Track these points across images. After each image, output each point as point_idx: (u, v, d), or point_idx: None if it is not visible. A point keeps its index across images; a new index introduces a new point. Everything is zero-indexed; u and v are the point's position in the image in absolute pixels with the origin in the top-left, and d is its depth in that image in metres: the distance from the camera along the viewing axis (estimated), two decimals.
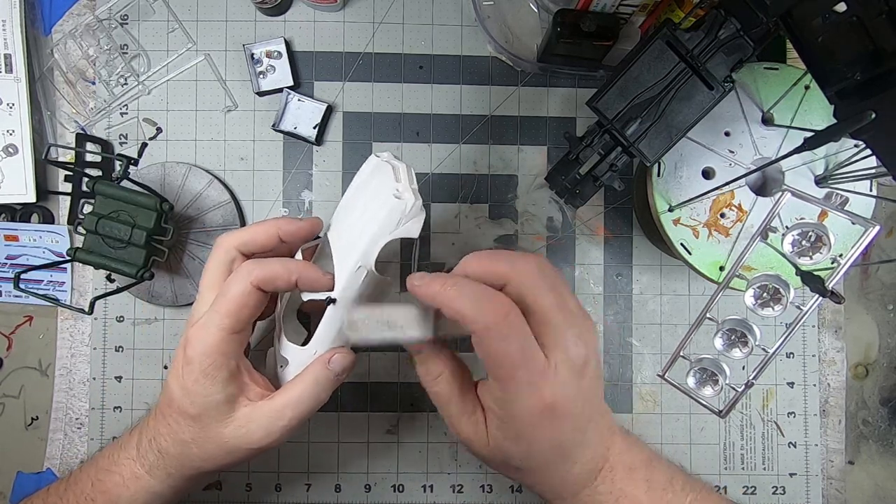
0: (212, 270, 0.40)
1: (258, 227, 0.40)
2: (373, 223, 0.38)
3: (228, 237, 0.40)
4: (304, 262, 0.39)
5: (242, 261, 0.40)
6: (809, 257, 0.33)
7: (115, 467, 0.41)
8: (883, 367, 0.56)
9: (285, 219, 0.41)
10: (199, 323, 0.37)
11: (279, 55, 0.53)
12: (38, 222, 0.54)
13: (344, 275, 0.38)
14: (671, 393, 0.54)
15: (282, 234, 0.40)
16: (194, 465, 0.40)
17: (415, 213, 0.38)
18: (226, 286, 0.38)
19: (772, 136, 0.46)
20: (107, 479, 0.41)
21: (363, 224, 0.38)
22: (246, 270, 0.37)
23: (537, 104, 0.56)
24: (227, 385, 0.37)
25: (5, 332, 0.54)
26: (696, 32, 0.39)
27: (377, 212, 0.38)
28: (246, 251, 0.40)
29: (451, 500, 0.54)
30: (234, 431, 0.38)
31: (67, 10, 0.54)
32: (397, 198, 0.37)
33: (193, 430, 0.38)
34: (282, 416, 0.38)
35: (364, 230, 0.38)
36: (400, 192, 0.38)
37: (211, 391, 0.37)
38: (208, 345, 0.37)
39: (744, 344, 0.37)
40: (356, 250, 0.38)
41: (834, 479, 0.55)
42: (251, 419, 0.38)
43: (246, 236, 0.40)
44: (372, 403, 0.55)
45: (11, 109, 0.52)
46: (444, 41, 0.55)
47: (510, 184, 0.55)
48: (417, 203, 0.38)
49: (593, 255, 0.56)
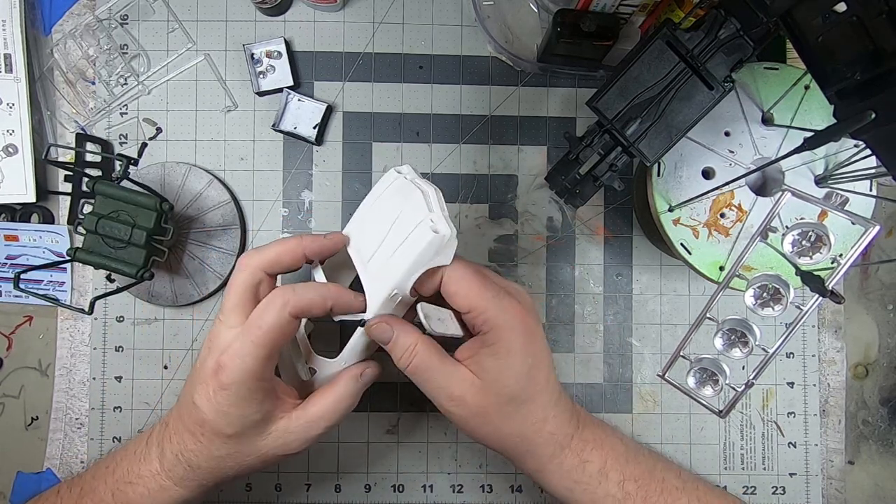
0: (237, 293, 0.39)
1: (283, 248, 0.40)
2: (410, 255, 0.38)
3: (253, 258, 0.40)
4: (338, 287, 0.40)
5: (269, 282, 0.40)
6: (809, 257, 0.33)
7: (138, 479, 0.41)
8: (883, 367, 0.56)
9: (309, 236, 0.41)
10: (233, 351, 0.37)
11: (279, 55, 0.53)
12: (38, 222, 0.54)
13: (378, 300, 0.40)
14: (671, 393, 0.54)
15: (308, 253, 0.41)
16: (228, 475, 0.41)
17: (450, 243, 0.39)
18: (260, 315, 0.37)
19: (772, 136, 0.46)
20: (129, 491, 0.41)
21: (399, 255, 0.39)
22: (282, 300, 0.37)
23: (537, 104, 0.56)
24: (264, 404, 0.38)
25: (5, 332, 0.54)
26: (696, 32, 0.39)
27: (414, 244, 0.38)
28: (272, 272, 0.40)
29: (451, 500, 0.54)
30: (272, 443, 0.40)
31: (67, 10, 0.54)
32: (435, 231, 0.37)
33: (229, 446, 0.39)
34: (317, 426, 0.40)
35: (401, 262, 0.39)
36: (436, 225, 0.37)
37: (249, 412, 0.38)
38: (245, 372, 0.37)
39: (744, 344, 0.37)
40: (392, 279, 0.39)
41: (834, 479, 0.55)
42: (288, 430, 0.40)
43: (271, 256, 0.40)
44: (372, 403, 0.55)
45: (11, 109, 0.52)
46: (444, 41, 0.55)
47: (510, 184, 0.55)
48: (453, 233, 0.38)
49: (593, 255, 0.56)
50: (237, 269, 0.40)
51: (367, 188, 0.55)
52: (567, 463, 0.42)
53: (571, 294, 0.55)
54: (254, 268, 0.39)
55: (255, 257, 0.39)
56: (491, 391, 0.39)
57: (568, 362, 0.55)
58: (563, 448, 0.42)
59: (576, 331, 0.55)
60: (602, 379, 0.55)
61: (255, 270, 0.39)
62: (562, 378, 0.55)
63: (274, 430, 0.39)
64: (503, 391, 0.39)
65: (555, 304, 0.55)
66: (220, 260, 0.53)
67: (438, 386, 0.39)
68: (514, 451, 0.41)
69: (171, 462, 0.40)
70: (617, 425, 0.55)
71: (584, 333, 0.55)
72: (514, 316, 0.39)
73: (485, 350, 0.39)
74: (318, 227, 0.55)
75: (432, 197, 0.39)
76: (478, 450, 0.55)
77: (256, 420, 0.38)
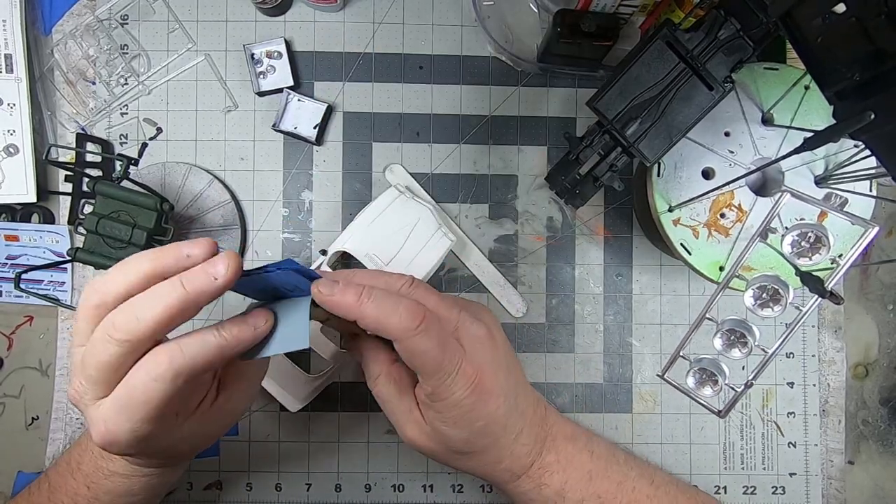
0: (103, 369, 0.30)
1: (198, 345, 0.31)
2: (427, 263, 0.48)
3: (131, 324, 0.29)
4: (236, 325, 0.31)
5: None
6: (809, 258, 0.33)
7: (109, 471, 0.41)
8: (883, 367, 0.56)
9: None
10: (111, 432, 0.30)
11: (279, 55, 0.53)
12: (39, 222, 0.54)
13: None
14: (671, 393, 0.54)
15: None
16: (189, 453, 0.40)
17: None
18: (136, 387, 0.30)
19: (772, 137, 0.46)
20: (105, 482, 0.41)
21: (417, 264, 0.48)
22: (167, 367, 0.29)
23: (537, 104, 0.56)
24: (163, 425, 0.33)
25: (6, 332, 0.55)
26: (695, 33, 0.39)
27: (431, 253, 0.48)
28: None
29: (451, 499, 0.54)
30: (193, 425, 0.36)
31: (68, 11, 0.54)
32: (450, 240, 0.49)
33: (162, 453, 0.37)
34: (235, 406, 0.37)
35: (424, 267, 0.48)
36: (447, 234, 0.49)
37: (152, 443, 0.33)
38: (132, 442, 0.31)
39: (743, 344, 0.37)
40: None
41: (834, 479, 0.55)
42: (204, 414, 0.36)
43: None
44: (372, 403, 0.54)
45: (12, 109, 0.52)
46: (443, 41, 0.55)
47: (510, 184, 0.55)
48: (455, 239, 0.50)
49: (593, 255, 0.56)
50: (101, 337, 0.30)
51: (367, 188, 0.55)
52: (523, 486, 0.42)
53: (571, 294, 0.55)
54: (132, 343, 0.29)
55: (132, 323, 0.29)
56: (440, 441, 0.38)
57: (568, 362, 0.55)
58: (519, 476, 0.41)
59: (576, 331, 0.55)
60: (602, 379, 0.55)
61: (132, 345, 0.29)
62: (562, 378, 0.55)
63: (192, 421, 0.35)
64: (450, 445, 0.38)
65: (555, 304, 0.55)
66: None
67: (395, 420, 0.39)
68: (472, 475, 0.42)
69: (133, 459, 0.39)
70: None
71: (584, 333, 0.55)
72: (464, 385, 0.35)
73: (435, 405, 0.36)
74: (318, 226, 0.55)
75: (434, 212, 0.49)
76: None
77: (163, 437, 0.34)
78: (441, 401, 0.36)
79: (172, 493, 0.53)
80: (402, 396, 0.38)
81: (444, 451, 0.39)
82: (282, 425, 0.54)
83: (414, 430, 0.38)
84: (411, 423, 0.38)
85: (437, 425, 0.37)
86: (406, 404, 0.38)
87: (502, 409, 0.38)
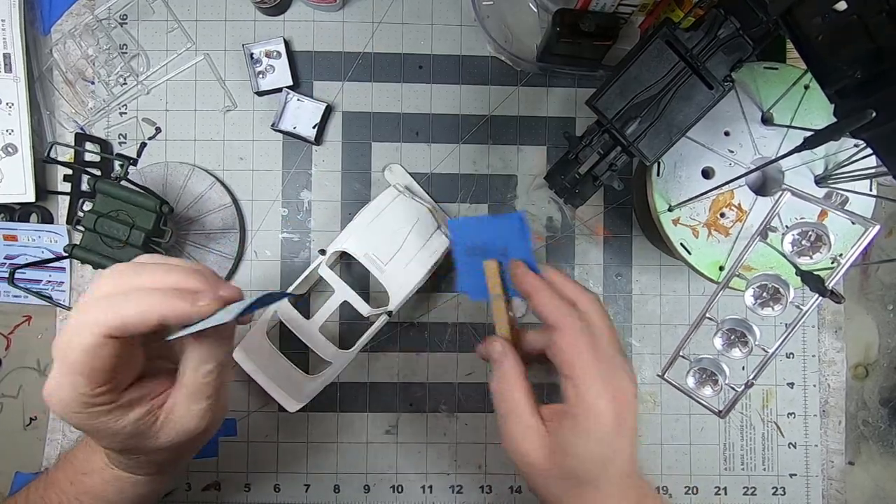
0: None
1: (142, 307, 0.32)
2: (431, 261, 0.50)
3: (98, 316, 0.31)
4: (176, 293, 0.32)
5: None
6: (809, 257, 0.33)
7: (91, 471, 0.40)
8: (883, 367, 0.56)
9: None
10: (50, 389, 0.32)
11: (278, 55, 0.53)
12: (37, 222, 0.54)
13: (402, 297, 0.49)
14: (671, 393, 0.54)
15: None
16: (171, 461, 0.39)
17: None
18: (67, 343, 0.31)
19: (771, 136, 0.46)
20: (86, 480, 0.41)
21: (420, 262, 0.50)
22: (93, 319, 0.31)
23: (537, 104, 0.55)
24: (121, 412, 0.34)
25: (4, 332, 0.54)
26: (695, 32, 0.39)
27: (434, 252, 0.50)
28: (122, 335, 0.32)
29: (451, 500, 0.54)
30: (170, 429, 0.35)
31: (67, 10, 0.54)
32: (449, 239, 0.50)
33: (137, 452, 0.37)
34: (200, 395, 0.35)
35: (424, 266, 0.50)
36: (446, 234, 0.50)
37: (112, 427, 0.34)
38: (68, 405, 0.32)
39: (743, 344, 0.37)
40: (417, 280, 0.50)
41: (834, 479, 0.55)
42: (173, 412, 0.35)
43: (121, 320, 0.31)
44: (371, 404, 0.54)
45: (11, 109, 0.52)
46: (443, 41, 0.55)
47: (510, 184, 0.55)
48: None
49: (593, 255, 0.55)
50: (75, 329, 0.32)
51: (366, 188, 0.55)
52: None
53: None
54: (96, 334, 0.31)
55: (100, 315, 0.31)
56: (557, 461, 0.37)
57: None
58: None
59: None
60: None
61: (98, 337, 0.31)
62: None
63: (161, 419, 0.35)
64: (568, 467, 0.36)
65: None
66: (217, 263, 0.53)
67: (511, 429, 0.38)
68: None
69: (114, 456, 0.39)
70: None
71: None
72: (608, 403, 0.35)
73: (567, 422, 0.36)
74: (317, 226, 0.55)
75: (433, 211, 0.50)
76: (477, 451, 0.54)
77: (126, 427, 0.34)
78: (578, 422, 0.35)
79: (171, 494, 0.53)
80: (528, 407, 0.37)
81: (557, 476, 0.37)
82: (280, 426, 0.54)
83: (533, 443, 0.37)
84: (532, 435, 0.37)
85: (565, 443, 0.36)
86: (530, 416, 0.37)
87: (627, 447, 0.37)
